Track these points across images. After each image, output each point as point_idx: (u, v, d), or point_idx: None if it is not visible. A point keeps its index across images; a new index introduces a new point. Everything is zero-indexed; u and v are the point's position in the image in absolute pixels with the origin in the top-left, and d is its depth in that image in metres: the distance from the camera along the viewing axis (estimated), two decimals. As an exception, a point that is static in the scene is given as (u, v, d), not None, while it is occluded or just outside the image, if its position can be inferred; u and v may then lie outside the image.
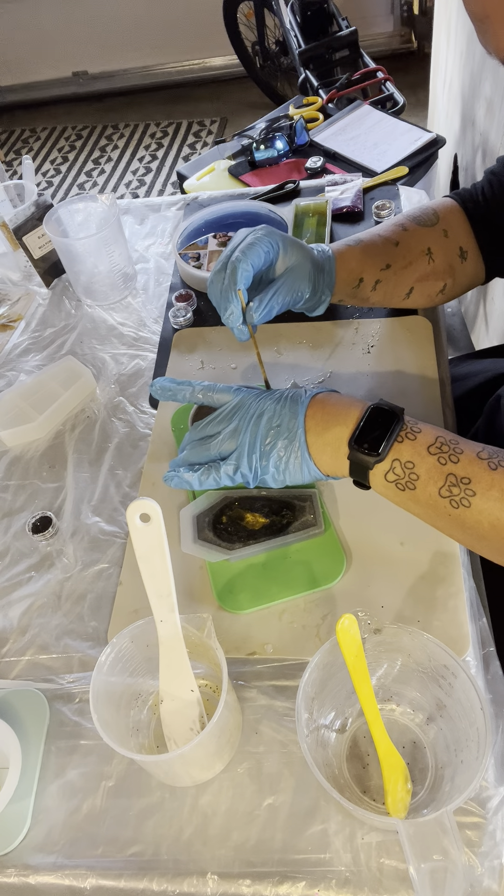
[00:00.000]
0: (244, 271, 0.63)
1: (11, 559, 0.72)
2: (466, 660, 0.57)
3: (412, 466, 0.54)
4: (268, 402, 0.60)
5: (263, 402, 0.61)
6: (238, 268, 0.62)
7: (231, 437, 0.60)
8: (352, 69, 2.14)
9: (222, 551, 0.64)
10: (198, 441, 0.62)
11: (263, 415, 0.60)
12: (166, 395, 0.65)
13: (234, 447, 0.60)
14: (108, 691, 0.52)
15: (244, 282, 0.63)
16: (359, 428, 0.56)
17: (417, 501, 0.55)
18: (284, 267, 0.67)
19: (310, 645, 0.59)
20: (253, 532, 0.66)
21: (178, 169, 1.89)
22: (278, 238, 0.66)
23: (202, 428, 0.62)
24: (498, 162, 0.76)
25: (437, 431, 0.56)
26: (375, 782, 0.53)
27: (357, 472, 0.57)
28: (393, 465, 0.55)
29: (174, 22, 3.22)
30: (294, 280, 0.67)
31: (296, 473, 0.59)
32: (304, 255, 0.68)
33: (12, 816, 0.54)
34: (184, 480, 0.62)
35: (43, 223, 0.94)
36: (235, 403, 0.61)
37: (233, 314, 0.64)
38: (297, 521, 0.66)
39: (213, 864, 0.51)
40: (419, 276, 0.75)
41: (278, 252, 0.66)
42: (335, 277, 0.72)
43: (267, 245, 0.65)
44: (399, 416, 0.56)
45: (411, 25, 3.16)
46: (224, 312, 0.64)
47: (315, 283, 0.69)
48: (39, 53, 3.40)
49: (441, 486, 0.53)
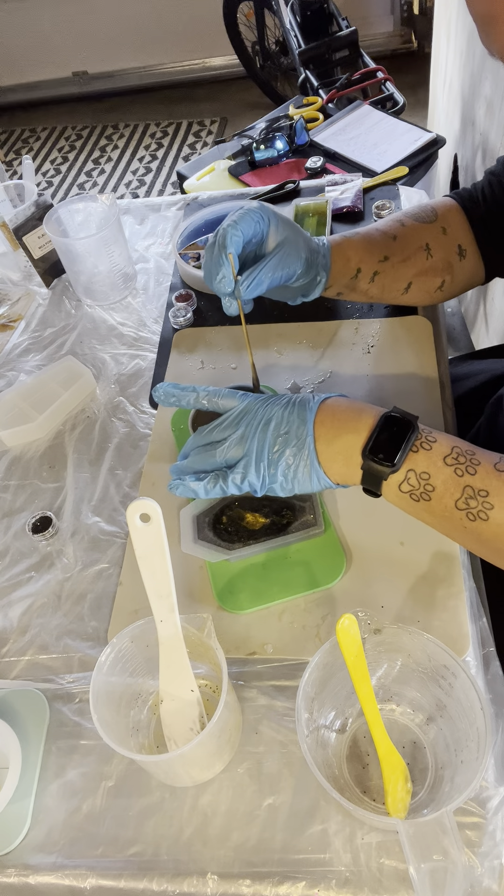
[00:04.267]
0: (234, 236, 0.62)
1: (11, 559, 0.72)
2: (466, 660, 0.57)
3: (427, 477, 0.53)
4: (275, 407, 0.58)
5: (270, 407, 0.58)
6: (228, 233, 0.62)
7: (238, 444, 0.58)
8: (352, 69, 2.13)
9: (222, 551, 0.64)
10: (202, 447, 0.60)
11: (271, 421, 0.57)
12: (170, 401, 0.63)
13: (240, 454, 0.57)
14: (108, 691, 0.52)
15: (234, 246, 0.62)
16: (373, 437, 0.54)
17: (432, 512, 0.54)
18: (275, 242, 0.66)
19: (310, 645, 0.59)
20: (253, 532, 0.66)
21: (178, 169, 1.89)
22: (270, 212, 0.66)
23: (207, 433, 0.60)
24: (498, 162, 0.76)
25: (452, 441, 0.54)
26: (375, 782, 0.53)
27: (370, 482, 0.55)
28: (408, 475, 0.53)
29: (174, 22, 3.22)
30: (285, 255, 0.66)
31: (305, 482, 0.57)
32: (295, 231, 0.68)
33: (12, 816, 0.54)
34: (189, 489, 0.59)
35: (43, 223, 0.94)
36: (241, 409, 0.59)
37: (224, 278, 0.63)
38: (297, 521, 0.66)
39: (213, 865, 0.51)
40: (417, 271, 0.75)
41: (269, 225, 0.65)
42: (332, 264, 0.72)
43: (258, 216, 0.64)
44: (414, 424, 0.54)
45: (411, 25, 3.16)
46: (215, 278, 0.63)
47: (309, 262, 0.69)
48: (39, 53, 3.40)
49: (458, 499, 0.52)
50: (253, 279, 0.64)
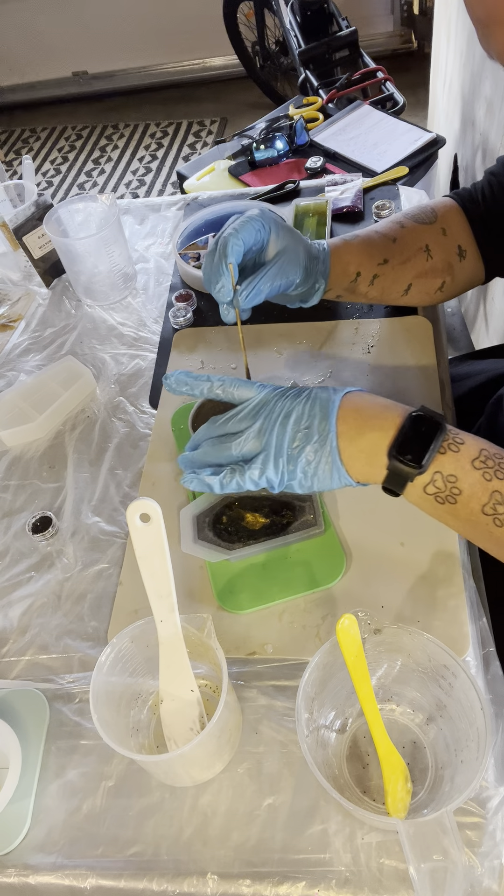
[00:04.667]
0: (235, 245, 0.62)
1: (11, 559, 0.72)
2: (466, 660, 0.57)
3: (454, 480, 0.51)
4: (295, 400, 0.56)
5: (290, 400, 0.56)
6: (229, 242, 0.62)
7: (255, 437, 0.55)
8: (352, 69, 2.13)
9: (222, 551, 0.64)
10: (217, 438, 0.57)
11: (291, 414, 0.55)
12: (181, 390, 0.60)
13: (258, 448, 0.55)
14: (108, 691, 0.52)
15: (235, 256, 0.62)
16: (400, 436, 0.52)
17: (456, 516, 0.52)
18: (275, 251, 0.66)
19: (310, 645, 0.59)
20: (253, 532, 0.66)
21: (178, 169, 1.89)
22: (270, 220, 0.66)
23: (221, 424, 0.57)
24: (498, 162, 0.76)
25: (479, 443, 0.53)
26: (375, 782, 0.53)
27: (393, 482, 0.53)
28: (434, 477, 0.52)
29: (174, 22, 3.22)
30: (285, 264, 0.66)
31: (325, 480, 0.55)
32: (295, 239, 0.68)
33: (12, 816, 0.54)
34: (205, 483, 0.56)
35: (43, 223, 0.94)
36: (259, 400, 0.56)
37: (223, 287, 0.63)
38: (297, 521, 0.66)
39: (213, 865, 0.51)
40: (417, 272, 0.75)
41: (270, 233, 0.65)
42: (331, 269, 0.72)
43: (259, 224, 0.64)
44: (442, 425, 0.52)
45: (411, 25, 3.16)
46: (214, 286, 0.63)
47: (308, 270, 0.69)
48: (39, 53, 3.40)
49: (485, 504, 0.50)
50: (252, 289, 0.64)
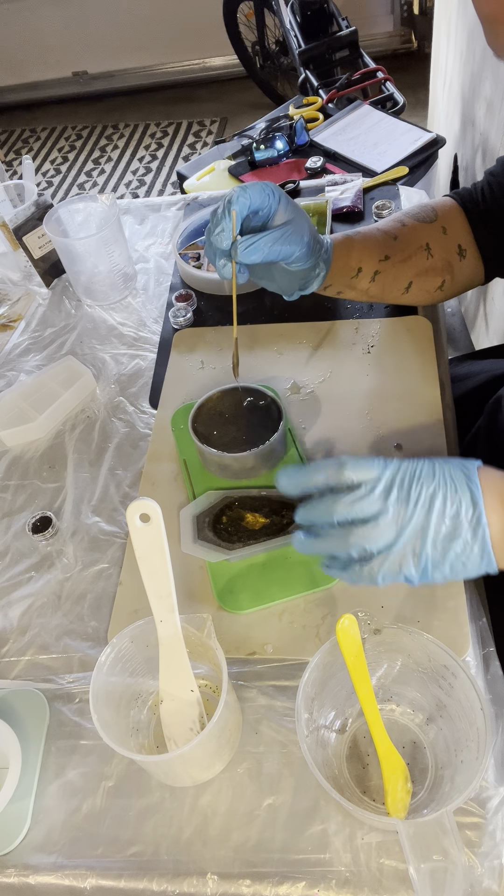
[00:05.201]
0: (241, 197, 0.61)
1: (11, 559, 0.72)
2: (466, 660, 0.57)
3: None
4: (432, 482, 0.49)
5: (427, 481, 0.49)
6: (236, 193, 0.61)
7: (390, 526, 0.48)
8: (352, 69, 2.13)
9: (222, 551, 0.64)
10: (339, 525, 0.50)
11: (434, 501, 0.48)
12: (297, 490, 0.53)
13: (392, 539, 0.49)
14: (108, 691, 0.52)
15: (239, 206, 0.61)
16: None
17: None
18: (282, 220, 0.66)
19: (310, 645, 0.59)
20: (253, 532, 0.66)
21: (178, 169, 1.89)
22: (280, 191, 0.65)
23: (341, 505, 0.49)
24: (497, 163, 0.76)
25: None
26: (375, 782, 0.53)
27: None
28: None
29: (174, 22, 3.22)
30: (289, 232, 0.65)
31: (472, 570, 0.49)
32: (303, 216, 0.67)
33: (12, 816, 0.54)
34: (336, 573, 0.52)
35: (43, 223, 0.94)
36: (388, 480, 0.50)
37: (223, 231, 0.61)
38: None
39: (213, 865, 0.51)
40: (417, 270, 0.75)
41: (278, 202, 0.65)
42: (333, 262, 0.72)
43: (269, 189, 0.64)
44: None
45: (411, 25, 3.16)
46: (214, 230, 0.62)
47: (311, 248, 0.68)
48: (39, 53, 3.40)
49: None
50: (252, 243, 0.63)
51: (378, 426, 0.74)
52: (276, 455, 0.71)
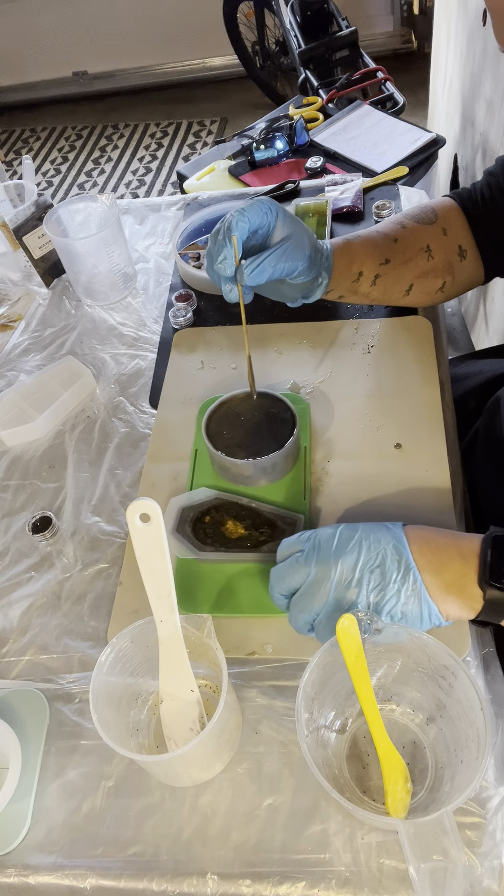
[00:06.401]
0: (240, 222, 0.62)
1: (11, 559, 0.72)
2: (466, 660, 0.57)
3: None
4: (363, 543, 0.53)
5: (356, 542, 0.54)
6: (235, 218, 0.62)
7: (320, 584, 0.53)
8: (352, 69, 2.13)
9: (192, 550, 0.64)
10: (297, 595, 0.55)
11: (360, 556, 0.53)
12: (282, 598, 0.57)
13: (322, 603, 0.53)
14: (108, 691, 0.52)
15: (239, 231, 0.62)
16: (485, 563, 0.50)
17: None
18: (281, 236, 0.66)
19: (310, 645, 0.59)
20: (227, 540, 0.65)
21: (178, 169, 1.89)
22: (278, 207, 0.66)
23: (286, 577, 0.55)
24: (497, 163, 0.76)
25: None
26: (375, 782, 0.53)
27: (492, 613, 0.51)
28: None
29: (174, 22, 3.22)
30: (290, 248, 0.65)
31: (413, 621, 0.52)
32: (301, 229, 0.68)
33: (12, 816, 0.54)
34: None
35: (43, 223, 0.94)
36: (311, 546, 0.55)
37: (226, 259, 0.62)
38: (273, 541, 0.64)
39: (213, 865, 0.51)
40: (418, 272, 0.75)
41: (276, 219, 0.65)
42: (334, 267, 0.72)
43: (266, 207, 0.64)
44: None
45: (411, 25, 3.16)
46: (216, 259, 0.63)
47: (312, 260, 0.68)
48: (39, 53, 3.40)
49: None
50: (257, 265, 0.63)
51: (378, 426, 0.74)
52: (279, 469, 0.70)
